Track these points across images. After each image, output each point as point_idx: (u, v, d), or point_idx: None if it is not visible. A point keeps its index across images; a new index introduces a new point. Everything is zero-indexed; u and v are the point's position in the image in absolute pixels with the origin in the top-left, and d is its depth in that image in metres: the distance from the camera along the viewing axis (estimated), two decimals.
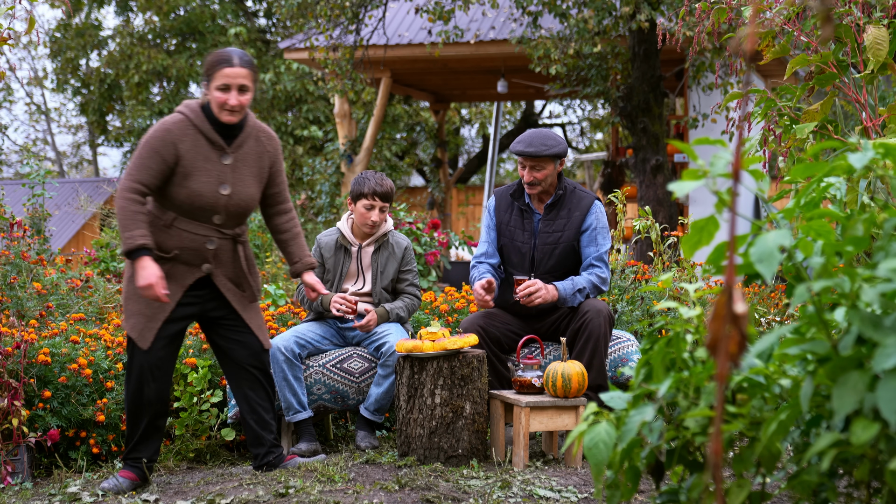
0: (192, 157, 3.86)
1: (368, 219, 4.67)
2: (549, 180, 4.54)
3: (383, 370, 4.53)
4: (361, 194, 4.68)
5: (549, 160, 4.50)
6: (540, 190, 4.55)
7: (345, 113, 12.89)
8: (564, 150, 4.53)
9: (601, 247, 4.57)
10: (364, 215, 4.68)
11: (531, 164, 4.50)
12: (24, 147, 25.13)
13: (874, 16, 3.66)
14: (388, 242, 4.76)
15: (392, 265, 4.74)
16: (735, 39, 3.95)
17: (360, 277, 4.73)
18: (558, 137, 4.55)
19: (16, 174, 24.42)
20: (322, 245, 4.77)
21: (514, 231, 4.61)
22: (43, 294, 5.50)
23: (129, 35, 19.74)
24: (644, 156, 9.89)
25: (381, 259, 4.73)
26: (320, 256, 4.76)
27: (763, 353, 2.14)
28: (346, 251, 4.74)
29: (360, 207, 4.68)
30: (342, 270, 4.71)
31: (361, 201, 4.68)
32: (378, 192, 4.67)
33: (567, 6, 9.69)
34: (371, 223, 4.67)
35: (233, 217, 3.96)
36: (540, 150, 4.46)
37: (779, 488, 2.55)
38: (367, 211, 4.67)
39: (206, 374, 4.52)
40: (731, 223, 1.63)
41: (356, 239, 4.75)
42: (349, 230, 4.77)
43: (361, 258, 4.73)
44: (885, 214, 1.97)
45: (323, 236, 4.81)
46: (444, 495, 3.59)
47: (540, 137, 4.52)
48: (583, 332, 4.40)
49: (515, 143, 4.54)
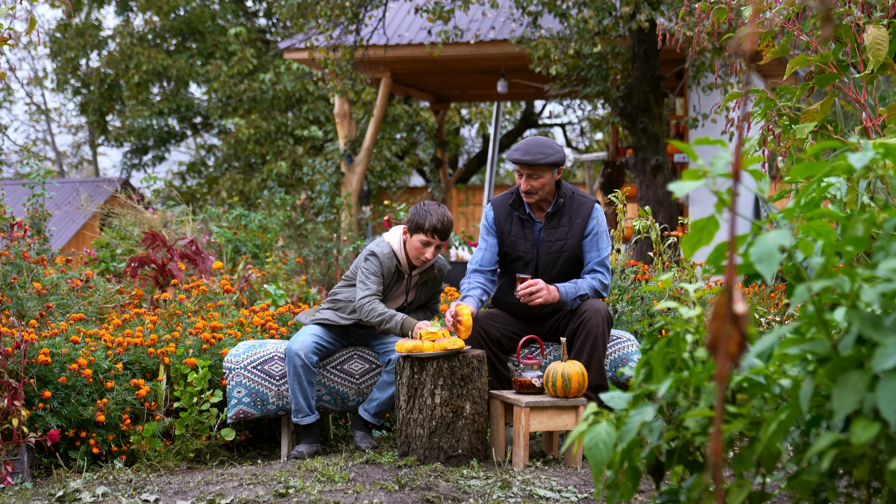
0: None
1: (423, 254, 4.49)
2: (546, 188, 4.47)
3: (388, 376, 4.54)
4: (421, 228, 4.46)
5: (546, 168, 4.42)
6: (538, 198, 4.48)
7: (345, 113, 12.88)
8: (562, 159, 4.44)
9: (603, 251, 4.54)
10: (419, 250, 4.49)
11: (528, 172, 4.42)
12: (24, 147, 25.12)
13: (874, 16, 3.66)
14: (433, 268, 4.68)
15: (431, 289, 4.76)
16: (735, 39, 3.95)
17: (402, 299, 4.70)
18: (556, 145, 4.47)
19: (16, 174, 24.41)
20: (384, 267, 4.54)
21: (515, 241, 4.54)
22: (43, 294, 5.49)
23: (129, 35, 19.73)
24: (644, 156, 9.89)
25: (426, 287, 4.72)
26: (381, 275, 4.54)
27: (763, 353, 2.14)
28: (399, 274, 4.61)
29: (416, 242, 4.48)
30: (392, 293, 4.64)
31: (419, 236, 4.47)
32: (439, 229, 4.45)
33: (567, 6, 9.69)
34: (424, 259, 4.51)
35: None
36: (537, 158, 4.38)
37: (779, 488, 2.55)
38: (423, 247, 4.48)
39: (206, 374, 4.52)
40: (731, 223, 1.63)
41: (407, 267, 4.62)
42: (404, 257, 4.58)
43: (410, 284, 4.66)
44: (885, 214, 1.97)
45: (384, 257, 4.54)
46: (444, 495, 3.59)
47: (537, 146, 4.43)
48: (581, 331, 4.39)
49: (512, 150, 4.45)
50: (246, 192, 17.86)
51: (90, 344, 4.64)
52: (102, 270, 7.57)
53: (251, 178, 18.23)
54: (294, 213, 12.24)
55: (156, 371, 4.64)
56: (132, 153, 20.90)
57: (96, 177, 22.99)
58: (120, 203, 9.17)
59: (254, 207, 15.65)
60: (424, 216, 4.45)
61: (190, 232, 8.22)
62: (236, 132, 17.98)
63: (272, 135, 17.97)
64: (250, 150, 18.08)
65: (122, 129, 20.61)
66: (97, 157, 25.95)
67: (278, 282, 7.57)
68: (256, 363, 4.55)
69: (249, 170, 19.06)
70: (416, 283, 4.67)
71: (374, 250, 4.55)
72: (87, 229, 16.76)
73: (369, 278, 4.52)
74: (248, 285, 6.66)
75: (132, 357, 4.66)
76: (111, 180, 14.03)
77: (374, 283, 4.51)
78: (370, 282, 4.51)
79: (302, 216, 12.35)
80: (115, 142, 21.08)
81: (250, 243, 9.35)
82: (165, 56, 19.12)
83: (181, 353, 4.68)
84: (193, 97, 20.75)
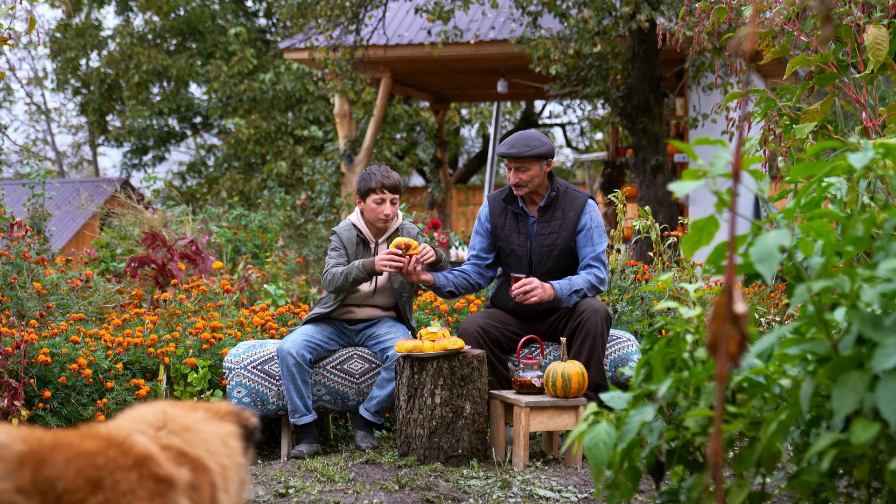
0: None
1: (381, 213, 4.59)
2: (535, 181, 4.50)
3: (387, 373, 4.53)
4: (370, 189, 4.59)
5: (533, 160, 4.46)
6: (527, 191, 4.52)
7: (345, 113, 12.88)
8: (550, 150, 4.48)
9: (598, 246, 4.55)
10: (376, 210, 4.60)
11: (515, 165, 4.48)
12: (24, 147, 25.12)
13: (874, 16, 3.66)
14: (399, 232, 4.71)
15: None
16: (735, 39, 3.94)
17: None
18: (543, 138, 4.51)
19: (16, 174, 24.41)
20: (343, 238, 4.66)
21: (509, 235, 4.59)
22: (43, 294, 5.49)
23: (129, 35, 19.74)
24: (644, 156, 9.89)
25: None
26: (343, 247, 4.66)
27: (763, 353, 2.13)
28: (365, 245, 4.68)
29: (371, 203, 4.60)
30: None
31: (371, 196, 4.59)
32: (386, 184, 4.58)
33: (567, 6, 9.69)
34: (385, 216, 4.60)
35: None
36: (523, 150, 4.44)
37: (779, 488, 2.55)
38: (378, 206, 4.59)
39: (206, 374, 4.52)
40: (731, 223, 1.62)
41: (371, 236, 4.69)
42: (365, 226, 4.69)
43: (379, 252, 4.66)
44: (885, 214, 1.97)
45: (342, 230, 4.69)
46: (444, 495, 3.59)
47: (523, 139, 4.48)
48: (580, 331, 4.40)
49: (500, 145, 4.51)
50: (246, 192, 17.86)
51: (90, 344, 4.64)
52: (102, 270, 7.58)
53: (251, 178, 18.23)
54: (294, 213, 12.24)
55: (156, 371, 4.64)
56: (132, 153, 20.90)
57: (96, 177, 22.99)
58: (120, 203, 9.17)
59: (254, 207, 15.65)
60: (369, 177, 4.60)
61: (190, 232, 8.22)
62: (236, 132, 17.99)
63: (272, 135, 17.97)
64: (250, 150, 18.08)
65: (122, 129, 20.62)
66: (97, 157, 25.97)
67: (278, 282, 7.57)
68: (256, 363, 4.55)
69: (249, 170, 19.07)
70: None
71: (334, 228, 4.72)
72: (87, 229, 16.76)
73: (330, 255, 4.67)
74: (248, 285, 6.66)
75: (132, 357, 4.66)
76: (111, 180, 14.03)
77: (334, 257, 4.65)
78: (331, 258, 4.66)
79: (302, 216, 12.35)
80: (115, 142, 21.09)
81: (250, 243, 9.35)
82: (165, 56, 19.12)
83: (181, 353, 4.68)
84: (193, 97, 20.76)
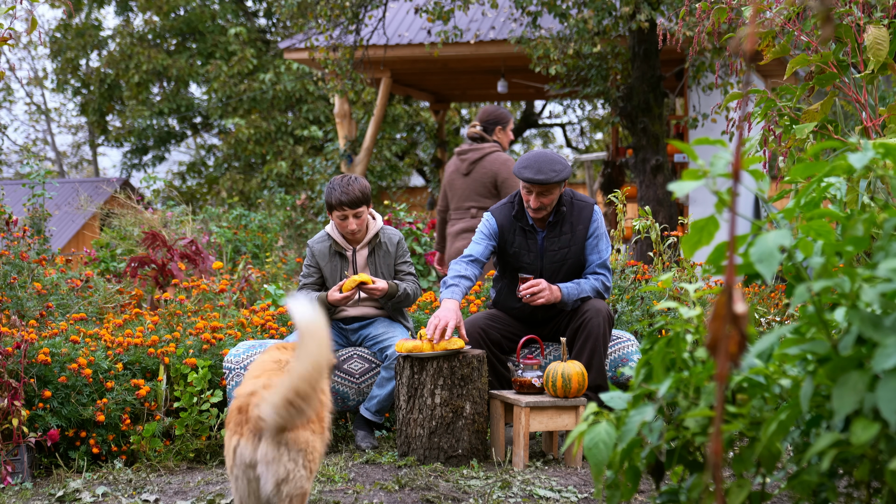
0: None
1: (345, 229, 4.54)
2: (553, 203, 4.45)
3: (387, 373, 4.52)
4: (331, 206, 4.52)
5: (557, 186, 4.39)
6: (545, 213, 4.46)
7: (345, 113, 12.88)
8: (570, 173, 4.40)
9: (603, 253, 4.54)
10: (340, 226, 4.55)
11: (539, 190, 4.36)
12: (24, 147, 25.12)
13: (874, 16, 3.66)
14: (381, 241, 4.66)
15: (388, 262, 4.67)
16: (735, 39, 3.94)
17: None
18: (563, 160, 4.40)
19: (16, 174, 24.41)
20: (316, 252, 4.63)
21: (519, 252, 4.52)
22: (43, 294, 5.49)
23: (129, 35, 19.74)
24: (644, 156, 9.88)
25: (377, 260, 4.65)
26: (315, 264, 4.63)
27: (763, 353, 2.13)
28: (341, 256, 4.63)
29: (336, 218, 4.54)
30: (340, 276, 4.64)
31: (334, 213, 4.53)
32: (344, 200, 4.46)
33: (567, 6, 9.68)
34: (350, 232, 4.54)
35: None
36: (550, 177, 4.31)
37: (779, 488, 2.55)
38: (342, 221, 4.53)
39: (206, 374, 4.52)
40: (731, 223, 1.62)
41: (348, 244, 4.65)
42: (339, 236, 4.63)
43: (357, 261, 4.65)
44: (885, 214, 1.97)
45: (315, 242, 4.66)
46: (444, 495, 3.59)
47: (548, 163, 4.33)
48: (582, 331, 4.39)
49: (522, 168, 4.34)
50: (246, 192, 17.86)
51: (90, 344, 4.64)
52: (102, 270, 7.58)
53: (251, 178, 18.23)
54: (294, 213, 12.24)
55: (156, 371, 4.64)
56: (132, 153, 20.90)
57: (96, 177, 22.99)
58: (120, 203, 9.17)
59: (254, 207, 15.65)
60: (329, 194, 4.51)
61: (190, 232, 8.22)
62: (236, 132, 17.99)
63: (272, 135, 17.97)
64: (250, 150, 18.08)
65: (122, 129, 20.63)
66: (97, 157, 25.97)
67: (278, 282, 7.57)
68: None
69: (249, 170, 19.07)
70: (367, 258, 4.65)
71: (309, 240, 4.70)
72: (87, 229, 16.76)
73: (303, 272, 4.69)
74: (248, 285, 6.66)
75: (132, 357, 4.65)
76: (111, 180, 14.02)
77: (304, 275, 4.66)
78: (303, 275, 4.68)
79: (302, 216, 12.36)
80: (115, 142, 21.09)
81: (250, 243, 9.35)
82: (165, 56, 19.12)
83: (181, 354, 4.68)
84: (193, 97, 20.76)
